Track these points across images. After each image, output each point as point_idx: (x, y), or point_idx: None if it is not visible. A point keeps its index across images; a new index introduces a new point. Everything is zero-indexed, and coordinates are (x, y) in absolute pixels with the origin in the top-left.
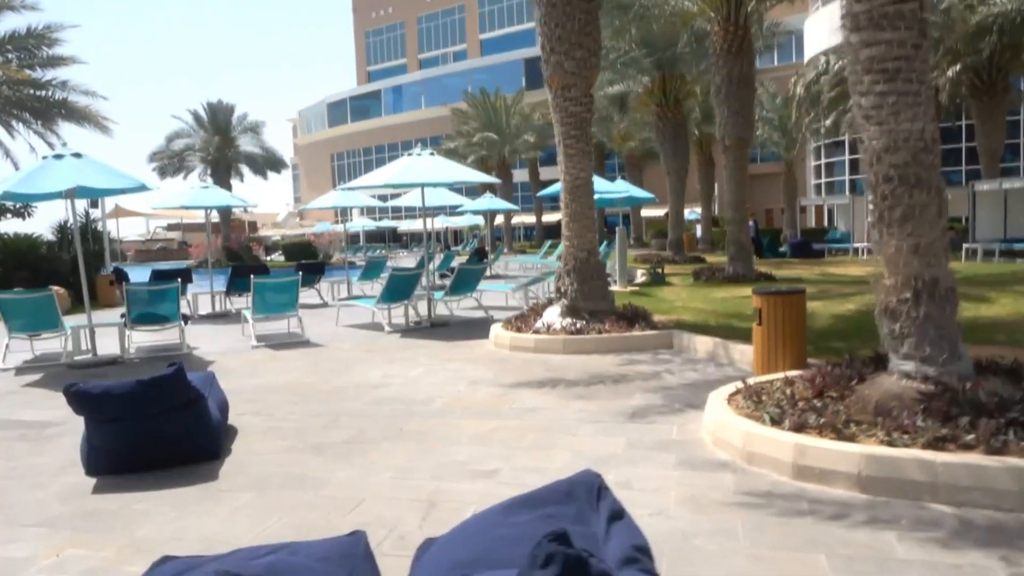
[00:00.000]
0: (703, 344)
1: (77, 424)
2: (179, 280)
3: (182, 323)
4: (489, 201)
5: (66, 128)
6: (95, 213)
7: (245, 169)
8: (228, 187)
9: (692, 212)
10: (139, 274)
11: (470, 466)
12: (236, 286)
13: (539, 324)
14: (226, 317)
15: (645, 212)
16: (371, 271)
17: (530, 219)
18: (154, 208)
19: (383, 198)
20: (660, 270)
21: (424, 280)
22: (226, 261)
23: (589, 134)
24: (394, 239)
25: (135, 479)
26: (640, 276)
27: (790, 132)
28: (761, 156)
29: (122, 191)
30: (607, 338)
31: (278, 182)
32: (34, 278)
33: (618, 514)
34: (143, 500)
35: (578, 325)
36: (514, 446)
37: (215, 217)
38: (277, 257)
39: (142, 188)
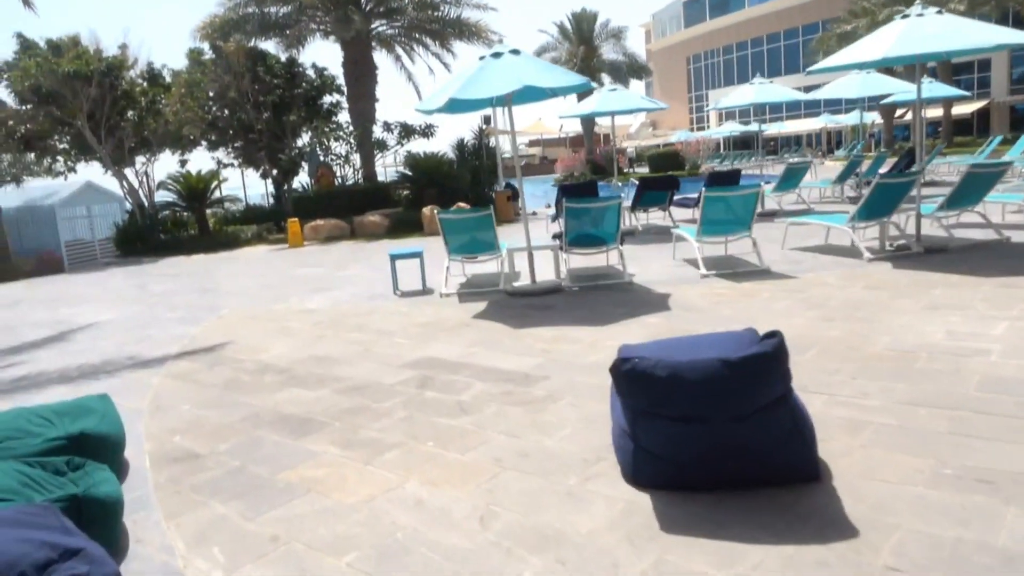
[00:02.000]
0: None
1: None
2: (620, 197)
3: (620, 247)
4: (929, 87)
5: (457, 47)
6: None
7: (606, 78)
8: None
9: None
10: (528, 189)
11: None
12: (645, 200)
13: None
14: (633, 235)
15: None
16: (789, 180)
17: (932, 113)
18: (561, 116)
19: (805, 89)
20: None
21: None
22: (589, 174)
23: None
24: (745, 146)
25: (711, 507)
26: None
27: None
28: None
29: (559, 91)
30: None
31: (632, 90)
32: (440, 195)
33: None
34: (765, 569)
35: None
36: None
37: (574, 130)
38: (640, 169)
39: (585, 86)
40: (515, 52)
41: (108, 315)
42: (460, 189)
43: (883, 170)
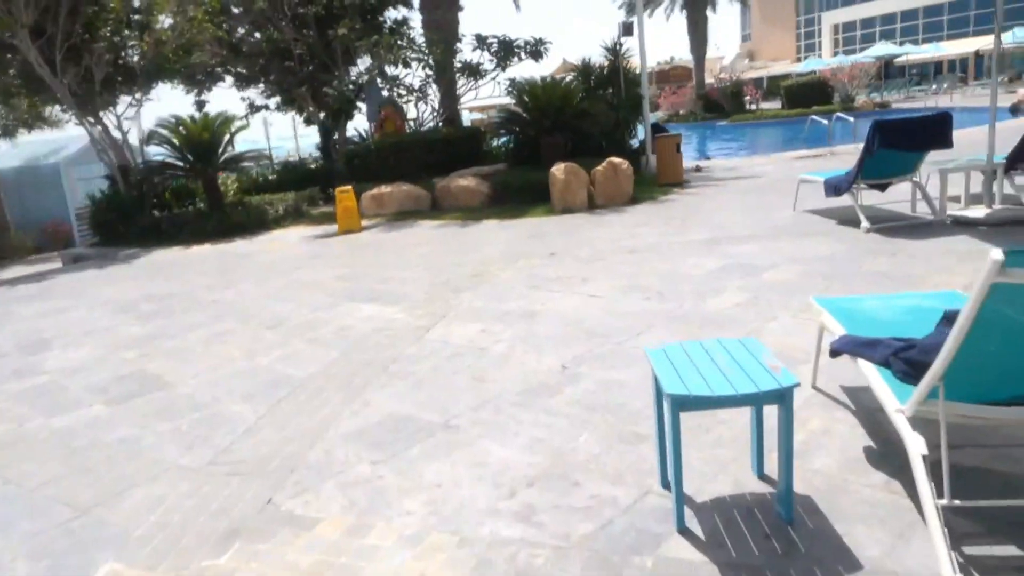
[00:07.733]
0: None
1: None
2: None
3: None
4: None
5: None
6: (628, 43)
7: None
8: (704, 20)
9: None
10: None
11: None
12: (886, 166)
13: None
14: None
15: None
16: None
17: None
18: None
19: None
20: None
21: None
22: (702, 113)
23: None
24: (886, 76)
25: None
26: None
27: None
28: None
29: None
30: None
31: (721, 21)
32: (566, 145)
33: None
34: None
35: None
36: None
37: (656, 63)
38: (770, 104)
39: None
40: None
41: None
42: (594, 136)
43: None
